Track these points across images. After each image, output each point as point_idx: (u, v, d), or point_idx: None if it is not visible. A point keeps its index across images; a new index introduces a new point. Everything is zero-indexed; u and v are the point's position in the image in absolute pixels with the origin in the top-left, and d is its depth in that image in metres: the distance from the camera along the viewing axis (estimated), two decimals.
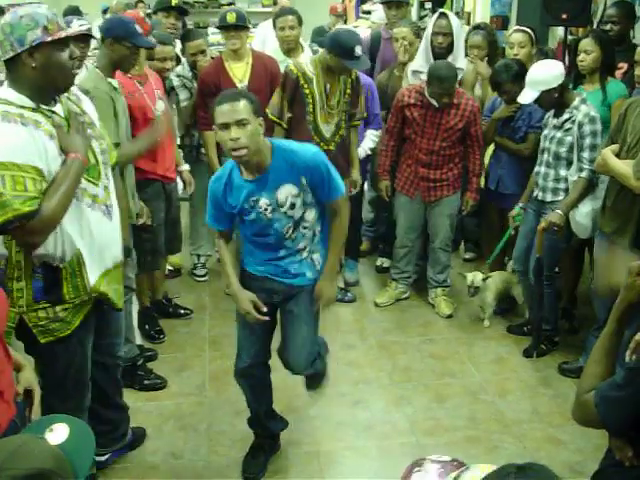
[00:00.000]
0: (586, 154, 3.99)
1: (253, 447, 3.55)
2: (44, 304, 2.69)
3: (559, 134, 4.09)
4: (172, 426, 3.79)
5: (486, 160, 4.97)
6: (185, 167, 4.75)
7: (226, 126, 2.84)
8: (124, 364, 3.60)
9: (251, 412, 3.52)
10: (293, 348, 3.30)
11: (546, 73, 4.02)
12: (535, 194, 4.28)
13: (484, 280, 4.71)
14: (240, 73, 4.81)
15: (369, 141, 5.09)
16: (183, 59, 5.11)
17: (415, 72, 5.03)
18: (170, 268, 5.36)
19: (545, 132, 4.21)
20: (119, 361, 3.37)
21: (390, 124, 4.88)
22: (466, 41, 5.21)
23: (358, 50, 4.21)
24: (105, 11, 7.65)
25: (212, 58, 5.12)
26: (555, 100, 4.07)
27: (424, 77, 4.79)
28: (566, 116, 4.07)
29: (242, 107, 2.83)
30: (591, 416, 1.98)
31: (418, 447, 3.64)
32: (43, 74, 2.51)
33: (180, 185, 4.90)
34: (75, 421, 1.78)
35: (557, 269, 5.00)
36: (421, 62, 5.00)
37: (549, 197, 4.18)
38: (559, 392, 4.10)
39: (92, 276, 2.77)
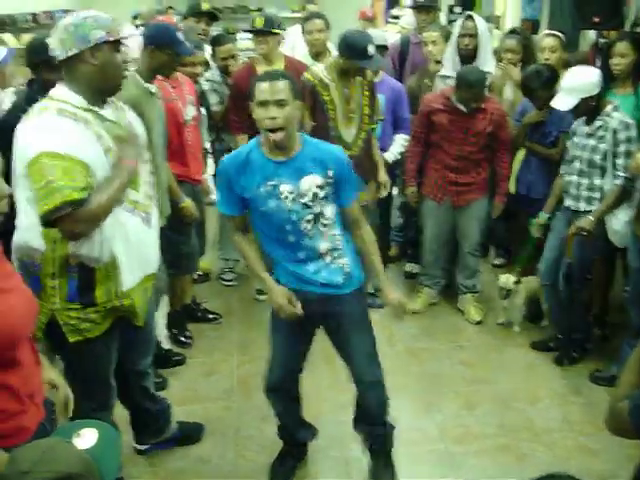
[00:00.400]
0: (621, 161, 3.93)
1: (281, 454, 3.53)
2: (76, 305, 2.71)
3: (592, 142, 4.03)
4: None
5: (516, 165, 4.92)
6: (205, 175, 4.73)
7: (265, 104, 2.79)
8: None
9: (280, 422, 3.49)
10: (357, 363, 3.23)
11: (586, 80, 3.96)
12: (567, 204, 4.21)
13: (516, 283, 4.66)
14: None
15: (398, 146, 5.06)
16: (213, 64, 5.12)
17: (443, 77, 5.01)
18: (199, 273, 5.38)
19: (575, 140, 4.15)
20: (148, 363, 3.38)
21: (416, 130, 4.86)
22: (500, 45, 5.18)
23: (371, 49, 4.18)
24: (136, 17, 7.72)
25: (242, 63, 5.14)
26: (593, 108, 4.02)
27: (451, 82, 4.77)
28: (599, 123, 4.01)
29: (283, 87, 2.79)
30: (624, 425, 1.94)
31: (447, 454, 3.61)
32: (101, 73, 2.62)
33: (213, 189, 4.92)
34: (103, 426, 1.78)
35: (589, 275, 4.96)
36: (448, 66, 4.99)
37: (583, 206, 4.11)
38: (590, 400, 4.04)
39: (126, 281, 2.78)
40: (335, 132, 4.39)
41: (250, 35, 9.62)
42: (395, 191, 5.60)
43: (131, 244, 2.76)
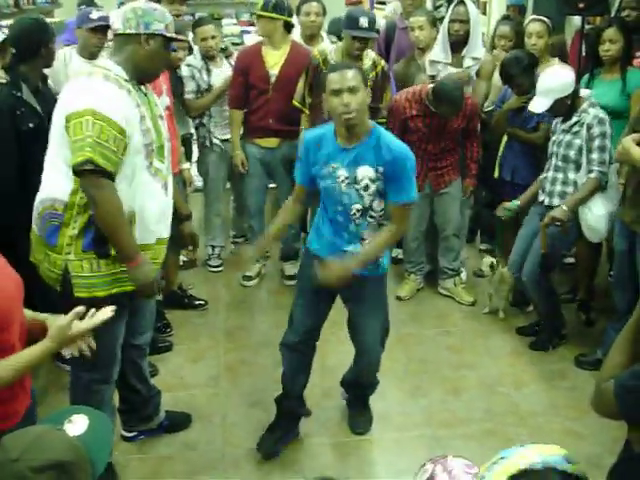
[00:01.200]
0: (595, 155, 3.94)
1: (271, 424, 3.61)
2: (91, 254, 2.79)
3: (568, 137, 4.05)
4: None
5: (500, 150, 4.93)
6: (185, 165, 4.66)
7: (338, 92, 2.98)
8: None
9: (283, 389, 3.58)
10: (362, 346, 3.50)
11: (560, 81, 3.98)
12: (541, 199, 4.22)
13: (491, 267, 4.69)
14: (273, 60, 4.80)
15: None
16: (195, 48, 5.08)
17: (433, 62, 4.98)
18: (184, 259, 5.35)
19: (553, 138, 4.17)
20: (148, 339, 3.42)
21: (392, 132, 4.79)
22: (494, 31, 5.19)
23: (363, 21, 4.29)
24: (122, 3, 7.63)
25: (235, 44, 5.12)
26: (569, 107, 4.04)
27: (441, 67, 4.76)
28: (575, 119, 4.03)
29: (353, 75, 2.99)
30: (610, 406, 1.95)
31: (434, 439, 3.63)
32: (148, 59, 2.84)
33: (197, 179, 4.89)
34: (94, 413, 1.77)
35: (573, 260, 4.99)
36: (438, 51, 4.96)
37: (556, 201, 4.10)
38: (576, 385, 4.07)
39: (140, 236, 2.86)
40: None
41: (235, 20, 9.69)
42: None
43: (150, 205, 2.88)
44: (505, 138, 4.81)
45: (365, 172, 3.07)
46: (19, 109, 3.54)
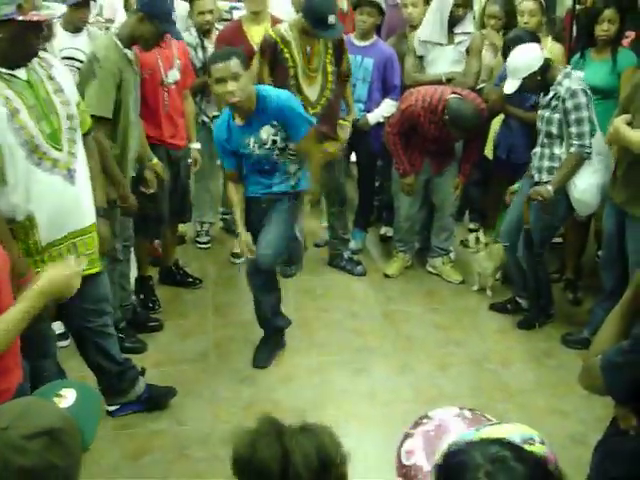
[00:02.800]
0: (573, 129, 3.92)
1: (261, 341, 4.11)
2: None
3: (547, 113, 4.03)
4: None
5: (494, 129, 4.94)
6: (195, 145, 4.67)
7: (222, 80, 3.45)
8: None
9: (258, 309, 4.07)
10: (262, 244, 3.83)
11: (525, 59, 3.97)
12: (533, 175, 4.21)
13: (476, 240, 4.74)
14: (257, 35, 4.75)
15: (384, 109, 5.00)
16: (190, 24, 5.02)
17: (423, 42, 4.92)
18: None
19: (539, 112, 4.16)
20: (104, 322, 3.35)
21: (395, 127, 4.76)
22: (483, 10, 5.16)
23: (331, 19, 4.18)
24: None
25: (224, 20, 5.07)
26: (539, 83, 4.02)
27: (430, 47, 4.76)
28: (551, 94, 4.00)
29: (234, 63, 3.43)
30: (596, 381, 1.96)
31: (421, 415, 3.65)
32: (8, 46, 2.59)
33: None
34: (82, 386, 1.78)
35: (560, 239, 5.00)
36: (431, 32, 4.86)
37: (545, 177, 4.08)
38: (562, 363, 4.10)
39: (44, 237, 2.82)
40: (297, 89, 4.40)
41: None
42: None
43: (49, 202, 2.79)
44: (500, 117, 4.82)
45: (266, 131, 3.62)
46: None
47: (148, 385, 3.64)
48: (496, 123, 4.95)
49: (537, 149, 4.15)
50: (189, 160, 4.67)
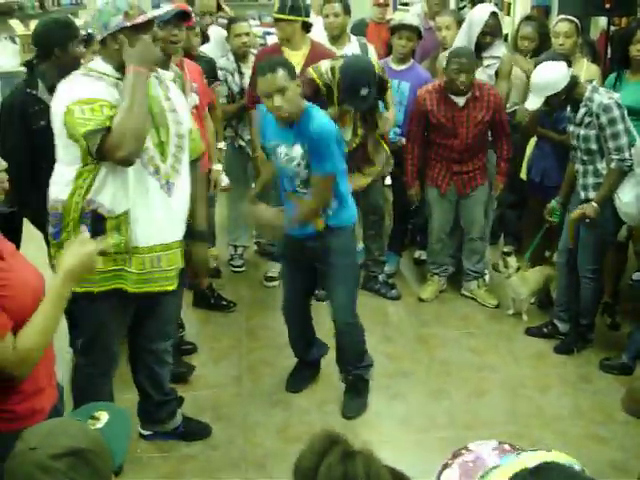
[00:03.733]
0: (611, 144, 3.89)
1: (296, 367, 4.08)
2: None
3: (582, 131, 3.99)
4: (209, 416, 3.78)
5: (528, 152, 4.90)
6: (216, 167, 4.64)
7: (268, 95, 3.29)
8: None
9: (293, 348, 4.02)
10: (339, 310, 3.74)
11: (550, 78, 3.92)
12: (580, 194, 4.16)
13: (504, 264, 4.70)
14: (294, 61, 4.72)
15: None
16: (227, 48, 5.07)
17: None
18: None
19: (570, 129, 4.11)
20: (166, 347, 3.40)
21: (412, 129, 4.77)
22: (517, 32, 5.14)
23: (363, 92, 4.16)
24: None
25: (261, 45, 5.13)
26: (563, 101, 4.00)
27: None
28: (583, 110, 3.96)
29: (280, 76, 3.27)
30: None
31: (457, 441, 3.54)
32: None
33: (224, 179, 4.88)
34: (114, 408, 1.79)
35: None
36: None
37: (591, 194, 4.05)
38: (600, 389, 4.02)
39: (138, 238, 2.88)
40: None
41: (258, 22, 9.70)
42: None
43: (143, 204, 2.88)
44: (534, 140, 4.78)
45: (297, 150, 3.42)
46: (32, 107, 3.56)
47: (185, 418, 3.62)
48: (529, 146, 4.92)
49: (579, 167, 4.11)
50: (224, 180, 4.69)
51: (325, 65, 4.37)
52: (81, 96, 2.71)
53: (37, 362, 2.04)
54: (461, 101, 4.57)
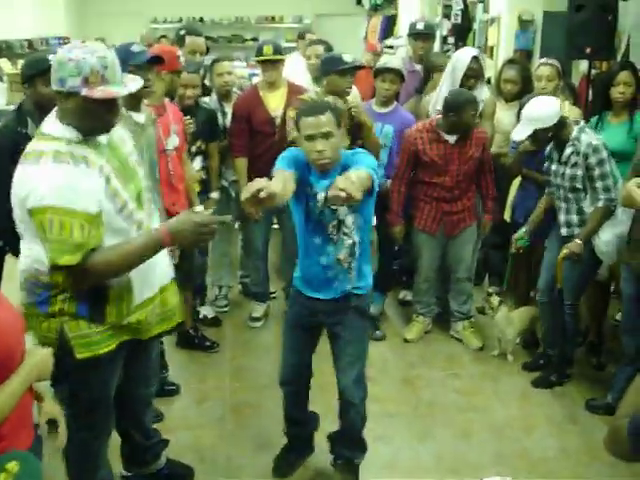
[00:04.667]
0: (599, 184, 3.96)
1: (283, 449, 3.67)
2: (86, 319, 2.64)
3: (568, 170, 4.05)
4: (191, 458, 3.71)
5: (512, 193, 4.94)
6: (198, 209, 4.41)
7: (312, 137, 2.97)
8: None
9: (286, 416, 3.60)
10: (340, 369, 3.37)
11: (543, 111, 3.98)
12: (560, 230, 4.21)
13: (489, 305, 4.73)
14: (274, 103, 4.83)
15: None
16: (214, 94, 5.12)
17: (437, 110, 4.95)
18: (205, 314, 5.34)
19: (553, 167, 4.17)
20: (151, 391, 3.34)
21: (400, 168, 4.80)
22: (499, 74, 5.21)
23: (347, 57, 4.35)
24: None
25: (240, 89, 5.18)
26: (549, 138, 4.06)
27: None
28: (569, 150, 4.03)
29: (327, 120, 2.97)
30: (622, 445, 1.91)
31: None
32: (78, 117, 2.50)
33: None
34: (25, 457, 1.76)
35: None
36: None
37: (576, 230, 4.11)
38: (586, 429, 4.00)
39: (137, 297, 2.74)
40: None
41: (244, 63, 9.81)
42: None
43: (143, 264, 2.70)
44: (517, 180, 4.83)
45: None
46: (22, 145, 3.49)
47: (168, 460, 3.54)
48: (514, 187, 4.96)
49: (561, 204, 4.15)
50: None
51: (310, 94, 4.54)
52: (58, 203, 2.38)
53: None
54: (452, 138, 4.61)
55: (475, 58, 4.92)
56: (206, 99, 5.02)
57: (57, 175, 2.41)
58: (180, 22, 14.92)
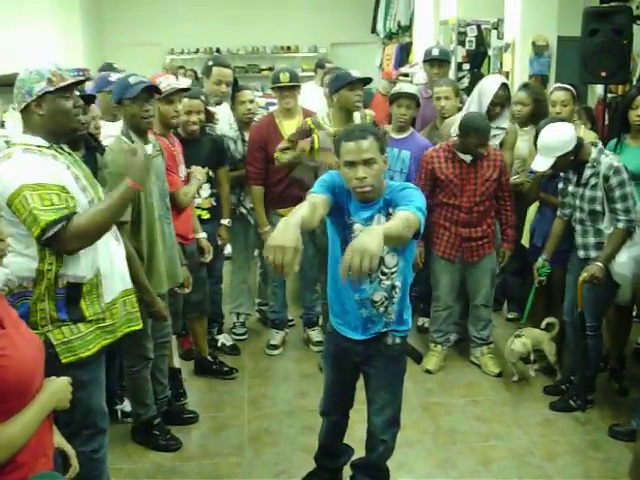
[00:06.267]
0: (619, 205, 3.93)
1: (311, 474, 3.62)
2: (67, 322, 2.81)
3: (588, 192, 4.03)
4: None
5: (529, 218, 4.93)
6: (202, 235, 4.58)
7: (352, 164, 2.83)
8: (140, 424, 3.95)
9: (319, 446, 3.58)
10: (372, 411, 3.27)
11: (559, 139, 3.96)
12: (579, 254, 4.19)
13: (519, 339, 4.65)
14: (291, 130, 4.87)
15: None
16: (232, 119, 5.15)
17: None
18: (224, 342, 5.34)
19: (570, 189, 4.16)
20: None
21: (422, 186, 4.78)
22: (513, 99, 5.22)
23: (354, 72, 4.42)
24: None
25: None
26: (571, 162, 4.03)
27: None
28: (589, 172, 4.01)
29: (370, 145, 2.83)
30: None
31: None
32: (50, 120, 2.78)
33: (227, 247, 4.92)
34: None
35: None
36: None
37: (593, 253, 4.09)
38: (610, 456, 3.94)
39: (108, 293, 2.94)
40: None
41: (261, 92, 9.89)
42: None
43: (108, 258, 2.95)
44: (534, 206, 4.81)
45: (377, 221, 2.93)
46: None
47: None
48: (532, 212, 4.95)
49: (577, 227, 4.14)
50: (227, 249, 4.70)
51: (321, 114, 4.67)
52: (30, 180, 2.64)
53: (14, 453, 2.03)
54: (468, 158, 4.62)
55: (504, 85, 4.96)
56: (226, 128, 5.05)
57: (29, 159, 2.70)
58: (197, 53, 15.08)
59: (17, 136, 2.85)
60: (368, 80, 4.60)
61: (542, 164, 4.06)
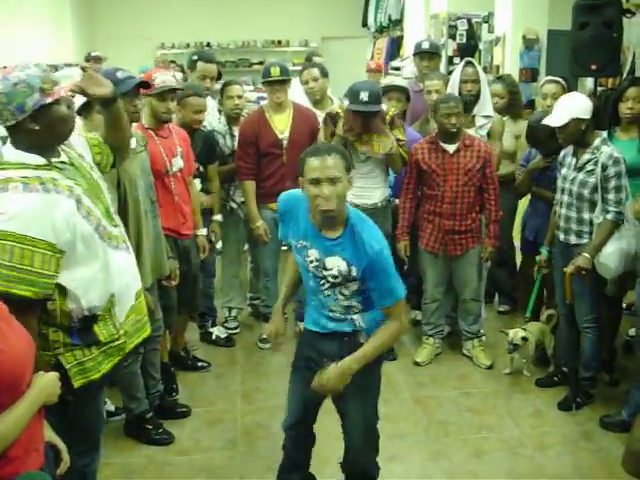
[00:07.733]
0: (612, 196, 3.93)
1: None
2: (81, 346, 2.64)
3: (581, 176, 4.03)
4: None
5: (521, 212, 4.95)
6: (201, 232, 4.61)
7: (317, 182, 2.74)
8: (132, 418, 3.92)
9: (283, 458, 3.41)
10: (347, 431, 3.23)
11: (582, 102, 3.97)
12: (558, 236, 4.21)
13: (524, 339, 4.61)
14: (281, 124, 4.87)
15: None
16: (222, 115, 5.15)
17: None
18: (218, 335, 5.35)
19: (563, 172, 4.15)
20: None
21: (408, 182, 4.83)
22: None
23: (363, 95, 4.37)
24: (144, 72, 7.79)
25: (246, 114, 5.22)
26: (578, 135, 4.00)
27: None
28: (587, 157, 4.01)
29: (335, 163, 2.75)
30: None
31: None
32: (48, 132, 2.50)
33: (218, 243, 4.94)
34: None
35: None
36: None
37: (573, 239, 4.11)
38: (601, 446, 3.96)
39: (120, 314, 2.74)
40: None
41: (252, 87, 9.88)
42: None
43: (122, 279, 2.74)
44: (527, 198, 4.83)
45: (336, 262, 2.85)
46: None
47: None
48: (523, 204, 4.96)
49: (562, 210, 4.16)
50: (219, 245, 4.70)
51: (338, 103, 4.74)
52: (20, 227, 2.34)
53: (6, 448, 2.02)
54: (451, 148, 4.63)
55: (468, 62, 5.06)
56: (215, 122, 5.06)
57: (26, 201, 2.38)
58: (187, 48, 15.04)
59: (9, 152, 2.51)
60: (375, 113, 4.51)
61: (556, 120, 3.99)
